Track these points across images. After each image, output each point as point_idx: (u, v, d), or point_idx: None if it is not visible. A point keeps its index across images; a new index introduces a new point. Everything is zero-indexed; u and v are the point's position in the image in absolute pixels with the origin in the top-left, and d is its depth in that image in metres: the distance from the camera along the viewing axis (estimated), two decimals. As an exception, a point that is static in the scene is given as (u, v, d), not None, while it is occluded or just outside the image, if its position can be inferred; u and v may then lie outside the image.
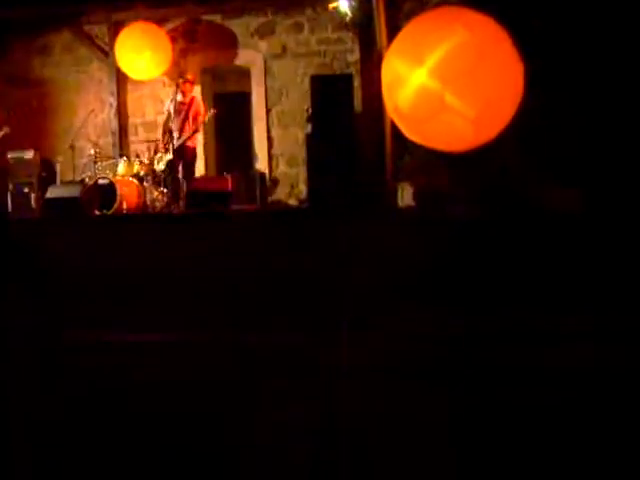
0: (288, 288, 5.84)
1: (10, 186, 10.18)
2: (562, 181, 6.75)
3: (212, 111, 9.63)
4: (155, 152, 9.92)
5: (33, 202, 10.29)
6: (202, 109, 9.86)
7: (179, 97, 9.91)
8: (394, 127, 8.63)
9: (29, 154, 10.42)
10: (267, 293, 5.94)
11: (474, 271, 4.90)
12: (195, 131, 9.80)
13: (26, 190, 10.34)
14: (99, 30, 11.59)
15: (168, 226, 7.86)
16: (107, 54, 11.40)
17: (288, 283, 5.87)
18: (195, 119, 9.77)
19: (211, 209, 8.50)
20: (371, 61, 8.86)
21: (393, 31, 8.73)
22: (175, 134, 9.75)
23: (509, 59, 7.87)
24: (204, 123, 9.89)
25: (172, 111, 9.79)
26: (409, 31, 8.24)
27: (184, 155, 9.82)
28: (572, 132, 7.17)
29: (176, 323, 5.14)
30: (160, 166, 9.74)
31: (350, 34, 10.15)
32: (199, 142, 10.49)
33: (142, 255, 6.91)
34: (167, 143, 9.75)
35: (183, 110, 9.83)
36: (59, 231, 7.67)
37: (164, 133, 9.92)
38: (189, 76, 10.12)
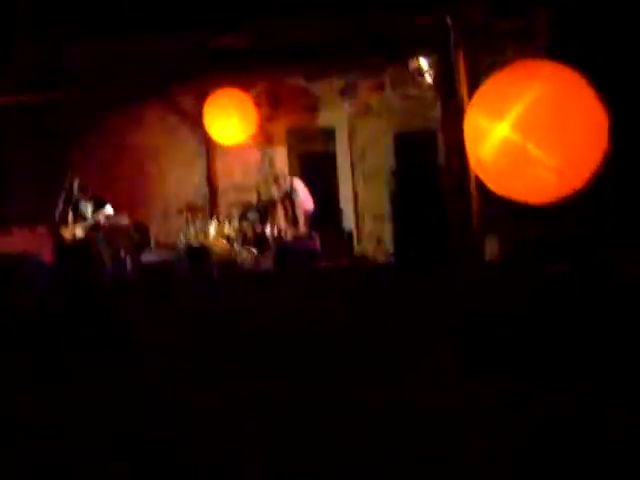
0: (375, 343, 5.90)
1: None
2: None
3: None
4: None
5: (128, 266, 10.60)
6: (299, 192, 10.28)
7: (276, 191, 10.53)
8: (478, 181, 8.65)
9: (124, 219, 10.74)
10: (358, 348, 6.01)
11: (557, 335, 4.86)
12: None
13: (121, 254, 10.66)
14: (187, 98, 12.04)
15: (259, 285, 8.03)
16: (196, 121, 11.79)
17: (375, 339, 5.93)
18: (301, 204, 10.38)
19: (300, 267, 8.64)
20: (453, 116, 8.92)
21: (474, 86, 8.80)
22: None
23: (592, 108, 7.84)
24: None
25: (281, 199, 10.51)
26: (490, 85, 8.29)
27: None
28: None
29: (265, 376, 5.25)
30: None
31: (431, 90, 10.26)
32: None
33: (235, 313, 7.09)
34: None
35: (286, 199, 10.39)
36: (153, 294, 7.93)
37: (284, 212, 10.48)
38: (280, 180, 10.51)
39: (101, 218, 10.17)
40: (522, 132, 7.73)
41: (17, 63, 9.75)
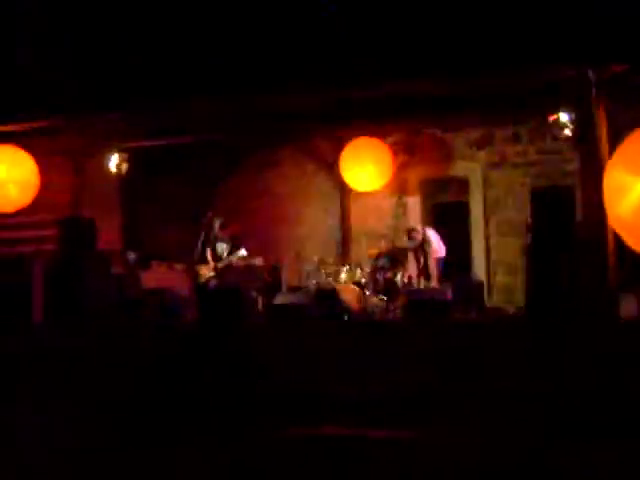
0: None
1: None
2: None
3: None
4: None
5: (260, 306, 10.83)
6: (432, 243, 10.43)
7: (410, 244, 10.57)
8: (617, 237, 8.47)
9: (259, 260, 11.00)
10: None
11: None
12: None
13: (254, 294, 10.91)
14: (324, 145, 12.30)
15: (386, 334, 8.07)
16: (332, 167, 12.01)
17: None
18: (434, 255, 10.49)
19: (430, 318, 8.60)
20: (592, 171, 8.79)
21: (614, 141, 8.65)
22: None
23: None
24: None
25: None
26: (632, 141, 8.14)
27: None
28: None
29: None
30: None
31: (568, 144, 10.13)
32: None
33: (363, 361, 7.16)
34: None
35: (419, 250, 10.49)
36: (284, 337, 8.09)
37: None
38: (413, 233, 10.59)
39: (234, 259, 10.52)
40: (664, 189, 7.55)
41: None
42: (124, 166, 11.28)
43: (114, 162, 11.26)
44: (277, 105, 10.22)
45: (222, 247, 10.66)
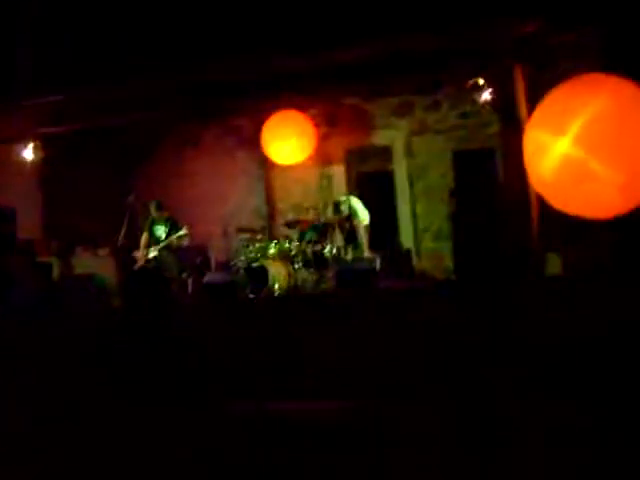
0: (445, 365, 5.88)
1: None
2: None
3: None
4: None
5: (189, 286, 10.72)
6: (359, 213, 10.36)
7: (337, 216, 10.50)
8: (538, 197, 8.58)
9: (185, 241, 10.88)
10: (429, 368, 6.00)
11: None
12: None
13: (183, 275, 10.80)
14: (245, 121, 12.16)
15: (316, 306, 8.04)
16: (253, 142, 11.87)
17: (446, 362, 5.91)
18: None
19: (359, 287, 8.61)
20: (512, 133, 8.88)
21: (533, 101, 8.75)
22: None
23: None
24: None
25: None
26: (550, 101, 8.24)
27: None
28: None
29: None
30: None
31: (489, 107, 10.21)
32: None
33: (293, 334, 7.11)
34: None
35: (346, 221, 10.42)
36: (215, 315, 8.00)
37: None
38: (341, 205, 10.49)
39: (174, 240, 10.40)
40: (583, 147, 7.65)
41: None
42: (41, 153, 11.02)
43: (31, 150, 10.98)
44: (198, 82, 10.07)
45: (161, 229, 10.52)
